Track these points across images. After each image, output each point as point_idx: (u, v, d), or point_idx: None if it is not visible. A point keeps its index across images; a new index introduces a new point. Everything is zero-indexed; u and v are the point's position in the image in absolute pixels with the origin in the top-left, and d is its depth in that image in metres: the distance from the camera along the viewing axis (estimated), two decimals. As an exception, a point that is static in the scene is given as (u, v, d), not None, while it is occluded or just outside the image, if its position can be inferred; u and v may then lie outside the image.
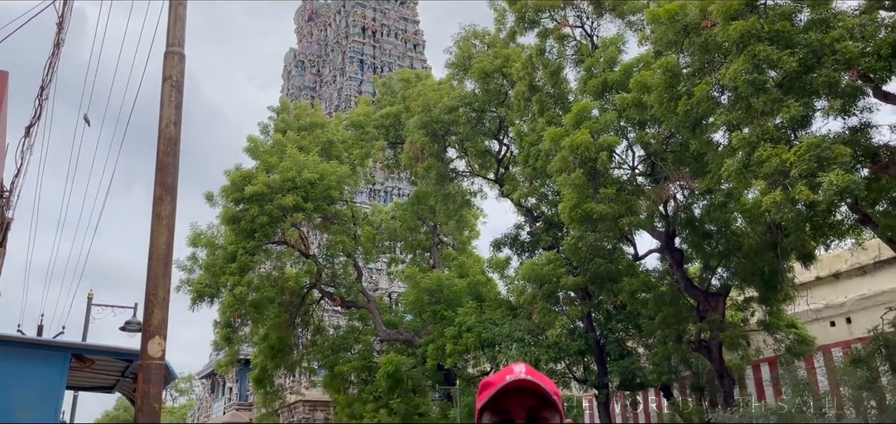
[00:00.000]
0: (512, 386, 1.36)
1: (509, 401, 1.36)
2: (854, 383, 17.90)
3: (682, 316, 20.29)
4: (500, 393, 1.36)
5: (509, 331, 22.79)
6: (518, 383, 1.35)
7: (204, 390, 58.35)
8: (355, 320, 31.86)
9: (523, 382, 1.35)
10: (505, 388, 1.35)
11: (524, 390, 1.36)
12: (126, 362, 6.24)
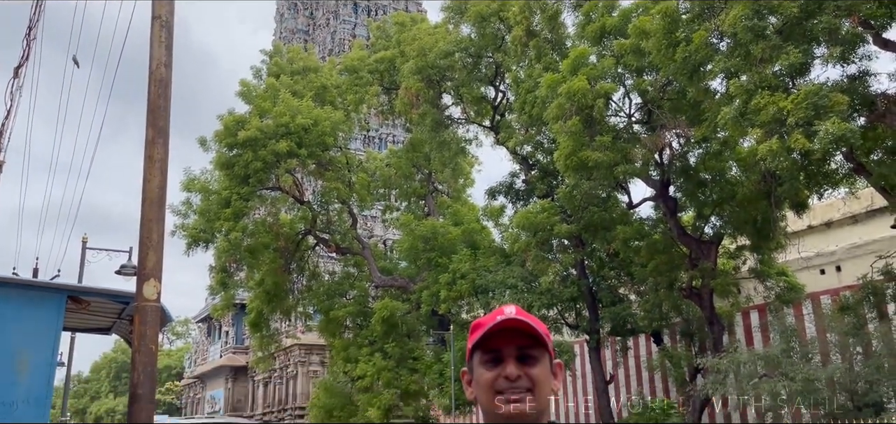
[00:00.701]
0: (502, 326, 1.36)
1: (500, 341, 1.37)
2: (841, 330, 18.22)
3: (675, 263, 20.47)
4: (490, 333, 1.37)
5: (503, 278, 22.99)
6: (508, 323, 1.36)
7: (200, 333, 58.98)
8: (350, 266, 32.04)
9: (513, 322, 1.36)
10: (495, 328, 1.36)
11: (514, 330, 1.37)
12: (122, 304, 6.26)
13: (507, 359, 1.37)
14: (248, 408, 48.33)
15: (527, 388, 1.37)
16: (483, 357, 1.40)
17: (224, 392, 51.16)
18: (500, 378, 1.37)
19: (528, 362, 1.38)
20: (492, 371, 1.38)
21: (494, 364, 1.39)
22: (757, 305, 21.75)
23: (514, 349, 1.38)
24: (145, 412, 4.95)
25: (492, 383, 1.37)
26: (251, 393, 49.09)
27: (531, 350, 1.39)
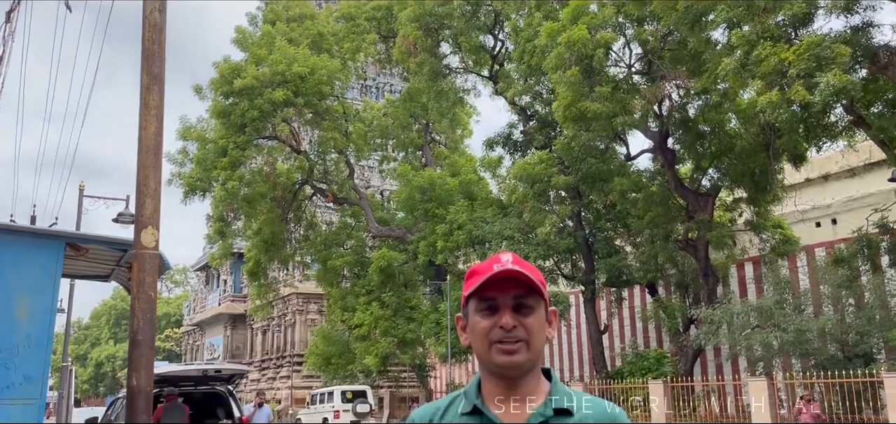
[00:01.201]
0: (499, 275, 1.36)
1: (496, 289, 1.37)
2: (834, 282, 18.40)
3: (671, 215, 20.54)
4: (486, 282, 1.37)
5: (500, 229, 23.06)
6: (505, 272, 1.36)
7: (199, 282, 59.34)
8: (347, 216, 32.06)
9: (510, 272, 1.36)
10: (492, 277, 1.36)
11: (510, 278, 1.37)
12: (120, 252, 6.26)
13: (503, 309, 1.38)
14: (246, 355, 48.96)
15: (522, 339, 1.37)
16: (479, 306, 1.40)
17: (223, 339, 51.76)
18: (495, 327, 1.37)
19: (524, 311, 1.38)
20: (488, 319, 1.39)
21: (490, 312, 1.39)
22: (752, 257, 21.91)
23: (510, 298, 1.38)
24: (146, 357, 4.99)
25: (487, 332, 1.38)
26: (250, 341, 49.67)
27: (527, 299, 1.39)
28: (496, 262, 1.39)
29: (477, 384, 1.44)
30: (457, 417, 1.40)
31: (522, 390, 1.39)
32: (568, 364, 29.50)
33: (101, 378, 68.80)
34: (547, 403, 1.38)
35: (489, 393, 1.41)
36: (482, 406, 1.38)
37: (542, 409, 1.37)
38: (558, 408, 1.37)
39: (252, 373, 44.19)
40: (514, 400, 1.38)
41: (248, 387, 44.77)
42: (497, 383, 1.40)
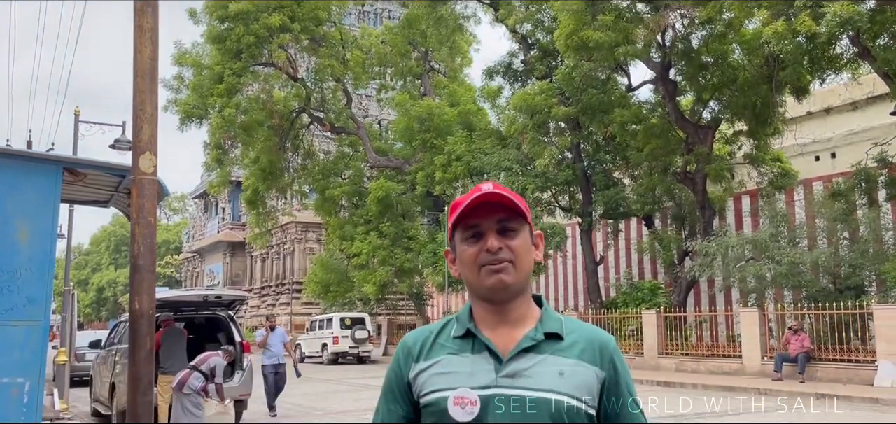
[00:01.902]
0: (480, 201, 1.38)
1: (479, 215, 1.39)
2: (830, 215, 18.50)
3: (671, 148, 20.48)
4: (469, 209, 1.39)
5: (498, 161, 23.00)
6: (486, 197, 1.38)
7: (197, 210, 59.51)
8: (345, 146, 31.90)
9: (491, 196, 1.38)
10: (474, 203, 1.38)
11: (493, 203, 1.39)
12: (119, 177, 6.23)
13: (487, 233, 1.39)
14: (246, 282, 49.56)
15: (508, 260, 1.39)
16: (464, 234, 1.42)
17: (222, 266, 52.28)
18: (482, 252, 1.39)
19: (509, 234, 1.40)
20: (473, 246, 1.40)
21: (476, 239, 1.41)
22: (749, 191, 21.96)
23: (493, 222, 1.39)
24: (147, 281, 5.03)
25: (475, 257, 1.40)
26: (249, 268, 50.19)
27: (510, 222, 1.40)
28: (477, 191, 1.40)
29: (469, 310, 1.46)
30: (449, 340, 1.42)
31: (512, 314, 1.41)
32: (563, 294, 29.93)
33: (102, 302, 69.75)
34: (537, 327, 1.39)
35: (480, 318, 1.43)
36: (475, 330, 1.41)
37: (532, 333, 1.38)
38: (548, 333, 1.39)
39: (252, 300, 44.80)
40: (505, 325, 1.40)
41: (249, 313, 45.50)
42: (488, 308, 1.42)
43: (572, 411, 1.33)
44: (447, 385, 1.35)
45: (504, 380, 1.34)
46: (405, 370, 1.44)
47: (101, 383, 12.06)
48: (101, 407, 12.15)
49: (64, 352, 13.89)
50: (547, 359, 1.36)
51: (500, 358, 1.36)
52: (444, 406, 1.34)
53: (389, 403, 1.45)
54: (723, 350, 18.20)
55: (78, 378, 18.52)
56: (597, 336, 1.42)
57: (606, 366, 1.39)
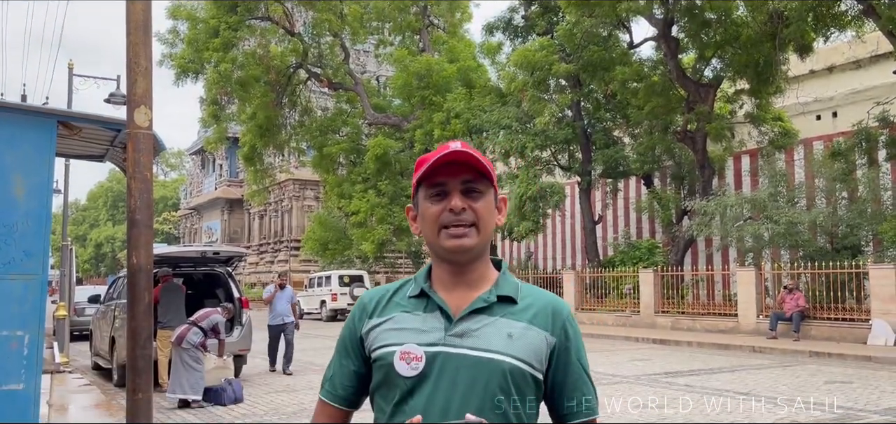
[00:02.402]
0: (447, 160, 1.36)
1: (444, 174, 1.37)
2: (830, 175, 18.48)
3: (671, 106, 20.33)
4: (434, 167, 1.37)
5: (497, 118, 22.83)
6: (453, 156, 1.35)
7: (194, 166, 59.29)
8: (343, 102, 31.64)
9: (458, 154, 1.35)
10: (440, 161, 1.36)
11: (459, 163, 1.36)
12: (114, 131, 6.14)
13: (452, 192, 1.37)
14: (244, 239, 49.64)
15: (471, 222, 1.37)
16: (428, 192, 1.39)
17: (220, 223, 52.32)
18: (444, 211, 1.37)
19: (473, 196, 1.38)
20: (437, 205, 1.38)
21: (440, 198, 1.38)
22: (749, 150, 21.89)
23: (458, 182, 1.37)
24: (144, 236, 5.00)
25: (437, 216, 1.38)
26: (247, 225, 50.24)
27: (476, 183, 1.38)
28: (444, 149, 1.37)
29: (427, 270, 1.45)
30: (404, 299, 1.42)
31: (470, 276, 1.40)
32: (561, 253, 30.02)
33: (101, 258, 69.92)
34: (491, 290, 1.39)
35: (437, 278, 1.42)
36: (429, 290, 1.40)
37: (486, 295, 1.38)
38: (502, 295, 1.38)
39: (250, 257, 44.93)
40: (461, 286, 1.40)
41: (247, 270, 45.66)
42: (446, 268, 1.41)
43: (517, 373, 1.32)
44: (396, 341, 1.35)
45: (452, 339, 1.33)
46: (359, 326, 1.44)
47: (101, 337, 12.15)
48: (101, 361, 12.26)
49: (63, 307, 13.96)
50: (497, 321, 1.35)
51: (451, 318, 1.36)
52: (390, 361, 1.34)
53: (342, 358, 1.45)
54: (719, 308, 18.33)
55: (78, 332, 18.67)
56: (551, 302, 1.41)
57: (558, 332, 1.38)
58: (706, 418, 7.53)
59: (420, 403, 1.30)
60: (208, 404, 8.91)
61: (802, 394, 8.93)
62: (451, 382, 1.30)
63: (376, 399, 1.40)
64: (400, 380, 1.33)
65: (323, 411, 1.46)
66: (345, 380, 1.44)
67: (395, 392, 1.33)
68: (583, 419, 1.39)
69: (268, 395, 9.72)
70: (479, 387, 1.30)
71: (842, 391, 9.23)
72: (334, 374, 1.45)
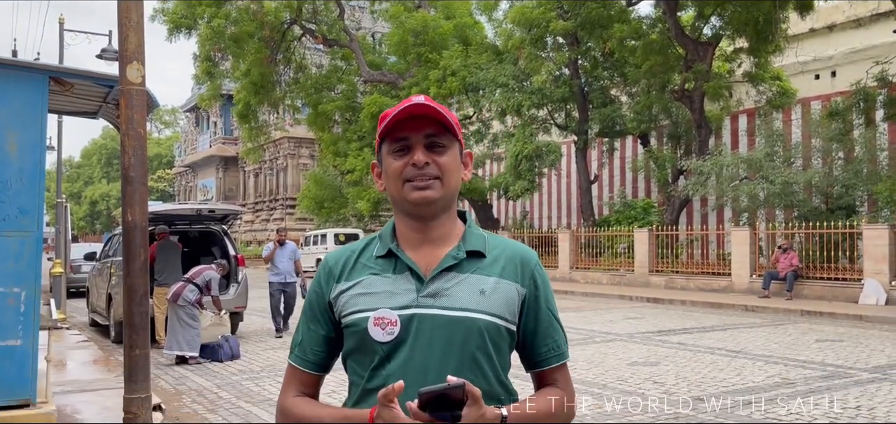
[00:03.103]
0: (409, 113, 1.34)
1: (407, 129, 1.35)
2: (827, 135, 18.45)
3: (669, 65, 20.18)
4: (398, 121, 1.35)
5: (494, 76, 22.64)
6: (415, 109, 1.33)
7: (189, 123, 58.88)
8: (338, 59, 31.28)
9: (421, 107, 1.33)
10: (402, 115, 1.34)
11: (422, 117, 1.34)
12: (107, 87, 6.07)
13: (415, 147, 1.35)
14: (240, 197, 49.56)
15: (435, 175, 1.35)
16: (391, 147, 1.37)
17: (215, 180, 52.17)
18: (408, 165, 1.35)
19: (437, 150, 1.36)
20: (400, 159, 1.36)
21: (403, 153, 1.36)
22: (747, 109, 21.81)
23: (422, 136, 1.35)
24: (139, 193, 4.98)
25: (401, 171, 1.36)
26: (242, 183, 50.10)
27: (440, 138, 1.36)
28: (407, 102, 1.34)
29: (392, 228, 1.43)
30: (371, 260, 1.40)
31: (436, 232, 1.38)
32: (556, 212, 30.08)
33: (96, 215, 69.83)
34: (459, 246, 1.38)
35: (403, 236, 1.40)
36: (396, 249, 1.38)
37: (454, 252, 1.37)
38: (470, 251, 1.37)
39: (246, 215, 44.91)
40: (427, 243, 1.38)
41: (243, 228, 45.69)
42: (411, 225, 1.39)
43: (492, 329, 1.33)
44: (368, 306, 1.34)
45: (424, 300, 1.32)
46: (326, 290, 1.41)
47: (98, 294, 12.20)
48: (98, 318, 12.32)
49: (59, 264, 13.97)
50: (468, 278, 1.35)
51: (421, 278, 1.34)
52: (364, 327, 1.33)
53: (310, 322, 1.43)
54: (713, 267, 18.46)
55: (74, 289, 18.73)
56: (519, 252, 1.41)
57: (527, 282, 1.39)
58: (698, 375, 7.64)
59: (397, 366, 1.30)
60: (205, 360, 8.99)
61: (793, 352, 9.05)
62: (427, 343, 1.30)
63: (350, 363, 1.39)
64: (376, 346, 1.32)
65: (293, 375, 1.44)
66: (315, 346, 1.42)
67: (371, 357, 1.33)
68: (555, 363, 1.41)
69: (264, 352, 9.81)
70: (455, 346, 1.30)
71: (832, 349, 9.36)
72: (303, 339, 1.43)
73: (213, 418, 6.21)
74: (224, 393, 7.21)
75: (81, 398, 6.63)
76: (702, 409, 6.10)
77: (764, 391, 6.81)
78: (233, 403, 6.77)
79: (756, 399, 6.44)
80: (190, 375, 8.24)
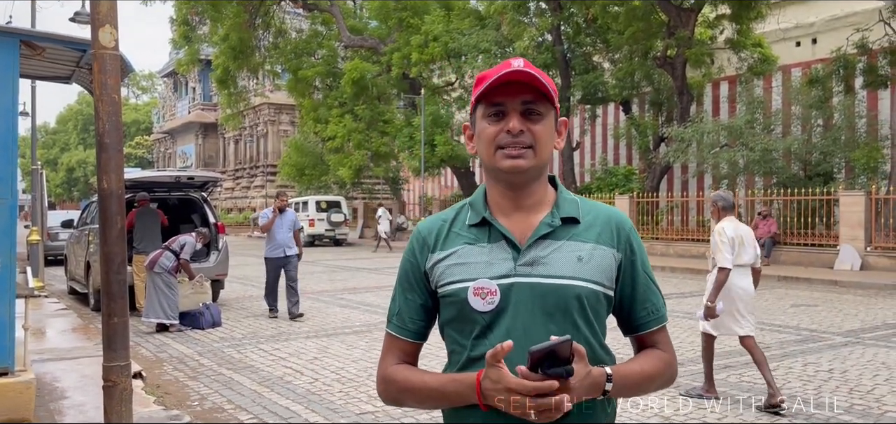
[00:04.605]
0: (507, 79, 1.31)
1: (504, 94, 1.33)
2: (806, 103, 18.60)
3: (652, 31, 20.14)
4: (495, 86, 1.32)
5: (476, 42, 22.46)
6: (514, 76, 1.30)
7: (167, 89, 57.91)
8: (318, 24, 30.84)
9: (520, 74, 1.30)
10: (500, 80, 1.31)
11: (520, 83, 1.32)
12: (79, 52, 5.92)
13: (510, 113, 1.33)
14: (220, 164, 49.01)
15: (528, 144, 1.33)
16: (486, 111, 1.36)
17: (195, 147, 51.51)
18: (502, 132, 1.33)
19: (533, 118, 1.34)
20: (495, 125, 1.34)
21: (498, 118, 1.34)
22: (728, 77, 21.89)
23: (518, 103, 1.33)
24: (114, 160, 4.87)
25: (494, 137, 1.34)
26: (222, 150, 49.53)
27: (536, 105, 1.34)
28: (506, 67, 1.32)
29: (483, 194, 1.42)
30: (464, 229, 1.39)
31: (528, 199, 1.38)
32: (539, 178, 30.14)
33: (73, 182, 68.76)
34: (553, 212, 1.37)
35: (495, 203, 1.40)
36: (490, 218, 1.37)
37: (549, 219, 1.36)
38: (565, 217, 1.37)
39: (226, 182, 44.49)
40: (521, 210, 1.38)
41: (223, 196, 45.28)
42: (503, 192, 1.38)
43: (591, 295, 1.32)
44: (466, 276, 1.34)
45: (523, 269, 1.32)
46: (422, 260, 1.41)
47: (76, 262, 12.05)
48: (77, 286, 12.20)
49: (36, 232, 13.77)
50: (565, 245, 1.34)
51: (517, 247, 1.34)
52: (464, 297, 1.33)
53: (406, 292, 1.43)
54: (692, 234, 18.66)
55: (52, 257, 18.50)
56: (614, 216, 1.40)
57: (623, 247, 1.38)
58: (676, 340, 7.75)
59: (500, 335, 1.29)
60: (186, 328, 8.95)
61: (769, 317, 9.21)
62: (528, 311, 1.30)
63: (450, 332, 1.39)
64: (477, 316, 1.32)
65: (393, 344, 1.44)
66: (413, 314, 1.42)
67: (473, 326, 1.33)
68: (654, 326, 1.42)
69: (246, 319, 9.79)
70: (556, 314, 1.30)
71: (807, 313, 9.54)
72: (401, 309, 1.43)
73: (195, 385, 6.21)
74: (205, 361, 7.19)
75: (60, 366, 6.58)
76: (680, 374, 6.20)
77: (740, 355, 6.94)
78: (214, 370, 6.76)
79: (733, 364, 6.56)
80: (171, 343, 8.21)
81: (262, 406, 5.47)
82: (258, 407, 5.44)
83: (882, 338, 7.75)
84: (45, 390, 5.61)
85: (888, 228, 14.61)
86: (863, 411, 5.04)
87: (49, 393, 5.58)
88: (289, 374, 6.49)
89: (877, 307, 10.10)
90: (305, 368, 6.72)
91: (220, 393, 5.90)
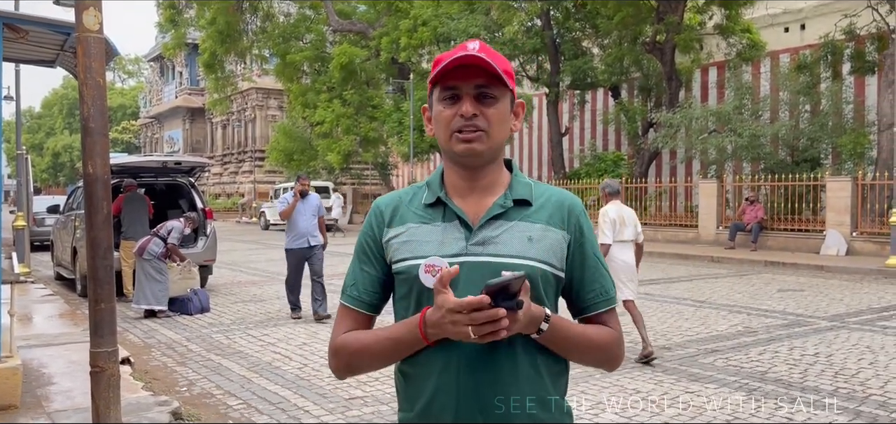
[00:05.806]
0: (461, 63, 1.31)
1: (458, 77, 1.33)
2: (794, 88, 18.69)
3: (641, 16, 20.13)
4: (448, 70, 1.32)
5: (465, 27, 22.34)
6: (467, 60, 1.30)
7: (153, 73, 57.31)
8: (306, 8, 30.58)
9: (472, 58, 1.30)
10: (453, 64, 1.31)
11: (474, 66, 1.32)
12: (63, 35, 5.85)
13: (464, 97, 1.34)
14: (207, 149, 48.63)
15: (482, 128, 1.34)
16: (442, 94, 1.37)
17: (182, 132, 51.07)
18: (456, 116, 1.34)
19: (487, 101, 1.34)
20: (449, 109, 1.35)
21: (452, 102, 1.35)
22: (717, 62, 21.94)
23: (472, 87, 1.33)
24: (100, 144, 4.81)
25: (449, 121, 1.35)
26: (210, 135, 49.13)
27: (490, 89, 1.34)
28: (462, 50, 1.32)
29: (440, 175, 1.44)
30: (420, 208, 1.41)
31: (483, 180, 1.39)
32: (527, 164, 30.17)
33: (59, 167, 68.04)
34: (506, 194, 1.39)
35: (451, 184, 1.41)
36: (445, 198, 1.39)
37: (501, 200, 1.38)
38: (517, 199, 1.38)
39: (214, 167, 44.19)
40: (475, 192, 1.39)
41: (211, 181, 45.00)
42: (459, 173, 1.40)
43: (540, 275, 1.34)
44: (418, 253, 1.35)
45: (474, 248, 1.34)
46: (378, 233, 1.43)
47: (63, 248, 11.96)
48: (64, 271, 12.11)
49: (22, 217, 13.63)
50: (516, 226, 1.36)
51: (470, 227, 1.35)
52: (415, 273, 1.34)
53: (363, 264, 1.44)
54: (680, 219, 18.76)
55: (38, 242, 18.33)
56: (564, 199, 1.42)
57: (573, 229, 1.40)
58: (664, 325, 7.81)
59: None
60: (174, 313, 8.91)
61: (756, 302, 9.29)
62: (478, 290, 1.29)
63: (399, 308, 1.41)
64: (427, 292, 1.33)
65: (346, 316, 1.44)
66: (368, 286, 1.43)
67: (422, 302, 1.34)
68: (603, 308, 1.43)
69: (235, 305, 9.76)
70: None
71: (793, 298, 9.63)
72: (357, 280, 1.44)
73: (183, 371, 6.19)
74: (194, 346, 7.17)
75: (47, 352, 6.54)
76: (667, 357, 6.25)
77: (727, 339, 7.01)
78: (202, 356, 6.74)
79: (720, 348, 6.62)
80: (159, 328, 8.17)
81: (251, 392, 5.46)
82: (247, 393, 5.44)
83: (867, 322, 7.84)
84: (31, 376, 5.57)
85: (874, 214, 14.75)
86: (847, 394, 5.10)
87: (36, 379, 5.54)
88: (278, 360, 6.48)
89: (862, 292, 10.21)
90: (294, 354, 6.71)
91: (208, 379, 5.89)
